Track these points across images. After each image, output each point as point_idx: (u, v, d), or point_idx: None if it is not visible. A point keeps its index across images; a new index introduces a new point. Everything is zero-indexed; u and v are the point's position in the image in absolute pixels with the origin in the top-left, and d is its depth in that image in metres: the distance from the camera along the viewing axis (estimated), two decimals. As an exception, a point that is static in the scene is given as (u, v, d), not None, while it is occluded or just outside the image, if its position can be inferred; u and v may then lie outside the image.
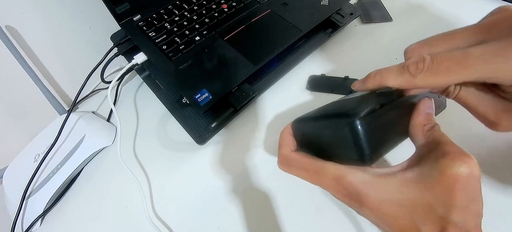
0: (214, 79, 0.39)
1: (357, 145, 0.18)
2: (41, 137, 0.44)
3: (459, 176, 0.16)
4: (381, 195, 0.17)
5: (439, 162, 0.16)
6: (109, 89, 0.42)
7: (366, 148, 0.18)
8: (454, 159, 0.16)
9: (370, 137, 0.18)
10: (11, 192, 0.39)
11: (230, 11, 0.48)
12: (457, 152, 0.16)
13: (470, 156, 0.16)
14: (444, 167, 0.16)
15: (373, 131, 0.18)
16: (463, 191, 0.15)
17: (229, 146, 0.41)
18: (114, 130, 0.46)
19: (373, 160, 0.19)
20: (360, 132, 0.18)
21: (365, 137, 0.18)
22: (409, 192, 0.17)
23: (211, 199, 0.37)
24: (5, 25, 0.40)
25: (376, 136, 0.19)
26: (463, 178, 0.15)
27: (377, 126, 0.19)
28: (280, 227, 0.35)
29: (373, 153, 0.18)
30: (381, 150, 0.19)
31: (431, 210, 0.16)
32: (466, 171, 0.16)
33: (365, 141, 0.18)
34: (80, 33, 0.48)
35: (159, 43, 0.43)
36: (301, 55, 0.46)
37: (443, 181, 0.16)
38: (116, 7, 0.43)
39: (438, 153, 0.17)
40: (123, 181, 0.39)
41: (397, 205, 0.17)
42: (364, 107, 0.19)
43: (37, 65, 0.45)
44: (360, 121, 0.18)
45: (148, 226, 0.35)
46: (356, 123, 0.18)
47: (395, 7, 0.55)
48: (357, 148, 0.18)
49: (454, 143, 0.18)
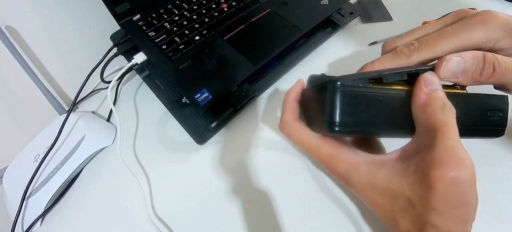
0: (214, 79, 0.39)
1: (329, 107, 0.18)
2: (41, 137, 0.44)
3: (441, 182, 0.15)
4: (365, 179, 0.18)
5: (426, 160, 0.16)
6: (109, 89, 0.42)
7: (336, 115, 0.17)
8: (441, 161, 0.15)
9: (346, 105, 0.18)
10: (11, 192, 0.39)
11: (230, 10, 0.47)
12: (447, 153, 0.15)
13: (462, 162, 0.15)
14: (428, 168, 0.16)
15: (352, 101, 0.18)
16: (443, 197, 0.15)
17: (229, 146, 0.41)
18: (114, 130, 0.46)
19: (342, 132, 0.18)
20: (335, 95, 0.18)
21: (340, 102, 0.17)
22: (393, 183, 0.17)
23: (211, 199, 0.37)
24: (5, 25, 0.40)
25: (356, 108, 0.18)
26: (444, 184, 0.15)
27: (360, 99, 0.18)
28: (280, 227, 0.35)
29: (342, 124, 0.18)
30: (358, 128, 0.18)
31: (410, 205, 0.16)
32: (450, 177, 0.15)
33: (339, 108, 0.17)
34: (80, 33, 0.48)
35: (159, 43, 0.43)
36: (301, 54, 0.46)
37: (425, 182, 0.16)
38: (115, 7, 0.43)
39: (429, 149, 0.16)
40: (123, 181, 0.39)
41: (378, 193, 0.17)
42: (357, 76, 0.18)
43: (36, 65, 0.45)
44: (341, 85, 0.18)
45: (148, 226, 0.35)
46: (336, 85, 0.18)
47: (395, 6, 0.55)
48: (328, 110, 0.18)
49: (454, 134, 0.16)
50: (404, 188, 0.16)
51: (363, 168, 0.18)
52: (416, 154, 0.17)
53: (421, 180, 0.16)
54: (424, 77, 0.19)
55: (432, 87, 0.18)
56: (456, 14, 0.23)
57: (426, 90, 0.18)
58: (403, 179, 0.17)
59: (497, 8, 0.22)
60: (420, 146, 0.17)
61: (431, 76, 0.19)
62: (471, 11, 0.23)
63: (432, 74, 0.19)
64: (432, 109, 0.17)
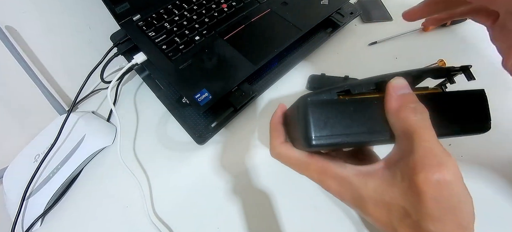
0: (214, 79, 0.39)
1: (303, 124, 0.18)
2: (41, 137, 0.44)
3: (427, 185, 0.15)
4: (357, 193, 0.18)
5: (409, 166, 0.16)
6: (109, 89, 0.42)
7: (310, 130, 0.18)
8: (423, 165, 0.15)
9: (319, 120, 0.18)
10: (11, 192, 0.39)
11: (230, 10, 0.47)
12: (427, 156, 0.15)
13: (443, 163, 0.15)
14: (412, 173, 0.15)
15: (324, 115, 0.18)
16: (434, 201, 0.14)
17: (229, 146, 0.41)
18: (114, 130, 0.46)
19: (320, 146, 0.18)
20: (306, 112, 0.18)
21: (313, 116, 0.18)
22: (384, 194, 0.17)
23: (211, 199, 0.37)
24: (5, 26, 0.40)
25: (329, 121, 0.18)
26: (432, 187, 0.14)
27: (332, 111, 0.18)
28: (280, 226, 0.35)
29: (318, 138, 0.18)
30: (335, 139, 0.18)
31: (406, 214, 0.16)
32: (435, 180, 0.14)
33: (311, 122, 0.18)
34: (80, 33, 0.48)
35: (159, 43, 0.43)
36: (301, 54, 0.46)
37: (412, 188, 0.15)
38: (115, 7, 0.43)
39: (410, 154, 0.16)
40: (123, 181, 0.39)
41: (373, 205, 0.17)
42: (326, 91, 0.19)
43: (37, 65, 0.45)
44: (311, 100, 0.18)
45: (148, 226, 0.35)
46: (307, 101, 0.18)
47: (395, 6, 0.55)
48: (303, 128, 0.18)
49: (431, 136, 0.16)
50: (397, 197, 0.16)
51: (353, 181, 0.18)
52: (400, 160, 0.17)
53: (409, 187, 0.15)
54: (392, 82, 0.18)
55: (401, 91, 0.18)
56: None
57: (395, 95, 0.18)
58: (393, 188, 0.16)
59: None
60: (402, 152, 0.17)
61: (399, 81, 0.18)
62: None
63: (399, 79, 0.19)
64: (404, 114, 0.17)
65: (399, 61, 0.47)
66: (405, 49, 0.48)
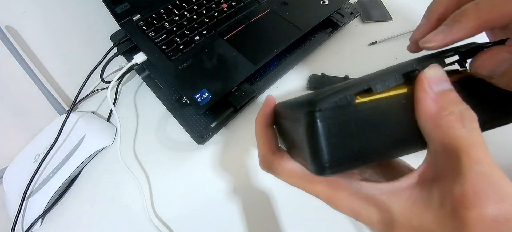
0: (214, 79, 0.39)
1: (311, 146, 0.14)
2: (41, 137, 0.44)
3: (481, 223, 0.11)
4: (377, 217, 0.15)
5: (455, 194, 0.12)
6: (109, 89, 0.42)
7: (322, 154, 0.13)
8: (478, 198, 0.12)
9: (333, 137, 0.13)
10: (11, 192, 0.39)
11: (230, 10, 0.47)
12: (482, 185, 0.12)
13: (506, 195, 0.11)
14: (461, 206, 0.12)
15: (340, 129, 0.13)
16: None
17: (229, 146, 0.41)
18: (114, 130, 0.46)
19: (334, 172, 0.14)
20: (316, 128, 0.13)
21: (324, 136, 0.13)
22: (413, 218, 0.14)
23: (211, 199, 0.37)
24: (5, 26, 0.40)
25: (347, 138, 0.13)
26: (486, 226, 0.11)
27: (349, 122, 0.13)
28: (280, 227, 0.35)
29: (334, 163, 0.13)
30: (353, 162, 0.14)
31: None
32: (492, 218, 0.11)
33: (324, 144, 0.13)
34: (80, 33, 0.48)
35: (159, 43, 0.43)
36: (301, 54, 0.46)
37: (457, 221, 0.12)
38: (115, 7, 0.43)
39: (456, 178, 0.12)
40: (123, 181, 0.39)
41: (400, 227, 0.14)
42: (337, 94, 0.13)
43: (36, 65, 0.45)
44: (321, 112, 0.13)
45: (148, 226, 0.35)
46: (315, 115, 0.13)
47: (395, 6, 0.55)
48: (311, 150, 0.14)
49: (485, 156, 0.12)
50: (429, 223, 0.13)
51: (372, 204, 0.15)
52: (438, 181, 0.13)
53: (451, 217, 0.12)
54: (426, 74, 0.14)
55: (439, 88, 0.13)
56: None
57: (433, 94, 0.13)
58: (425, 213, 0.13)
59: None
60: (439, 169, 0.14)
61: (435, 71, 0.14)
62: None
63: (435, 68, 0.14)
64: (447, 122, 0.13)
65: (399, 61, 0.47)
66: (405, 49, 0.48)
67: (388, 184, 0.15)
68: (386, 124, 0.14)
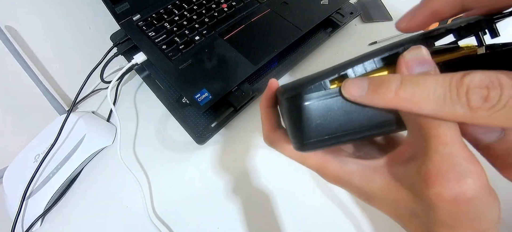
0: (214, 79, 0.39)
1: (290, 126, 0.15)
2: (41, 137, 0.44)
3: (442, 201, 0.12)
4: (361, 189, 0.16)
5: (421, 174, 0.13)
6: (109, 89, 0.42)
7: (299, 133, 0.15)
8: (438, 177, 0.12)
9: (309, 119, 0.14)
10: (11, 192, 0.39)
11: (230, 10, 0.47)
12: (444, 165, 0.12)
13: (466, 175, 0.12)
14: (424, 186, 0.13)
15: (315, 112, 0.14)
16: (449, 214, 0.12)
17: (229, 146, 0.41)
18: (114, 130, 0.46)
19: (312, 149, 0.15)
20: (293, 111, 0.15)
21: (300, 118, 0.15)
22: (391, 193, 0.15)
23: (211, 199, 0.37)
24: (4, 25, 0.40)
25: (321, 120, 0.15)
26: (447, 203, 0.12)
27: (325, 106, 0.14)
28: (280, 227, 0.35)
29: (310, 141, 0.15)
30: (332, 140, 0.15)
31: (414, 215, 0.14)
32: (451, 197, 0.12)
33: (300, 124, 0.15)
34: (80, 33, 0.48)
35: (159, 43, 0.43)
36: (301, 54, 0.46)
37: (423, 200, 0.13)
38: (115, 7, 0.43)
39: (423, 159, 0.13)
40: (123, 181, 0.39)
41: (379, 201, 0.15)
42: (314, 80, 0.15)
43: (36, 65, 0.45)
44: (293, 97, 0.15)
45: (148, 226, 0.35)
46: (292, 99, 0.15)
47: (395, 6, 0.55)
48: (290, 129, 0.16)
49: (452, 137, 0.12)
50: (404, 199, 0.14)
51: (355, 178, 0.16)
52: (412, 160, 0.14)
53: (419, 196, 0.13)
54: (405, 56, 0.14)
55: (417, 69, 0.13)
56: None
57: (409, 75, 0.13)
58: (401, 190, 0.14)
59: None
60: (415, 149, 0.14)
61: (415, 53, 0.13)
62: None
63: (416, 49, 0.13)
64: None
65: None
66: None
67: (371, 160, 0.16)
68: (363, 107, 0.14)
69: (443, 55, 0.15)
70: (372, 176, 0.15)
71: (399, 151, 0.15)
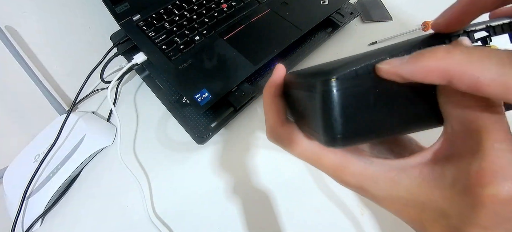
0: (214, 79, 0.39)
1: (324, 115, 0.13)
2: (41, 137, 0.44)
3: (494, 202, 0.11)
4: (385, 192, 0.15)
5: (470, 173, 0.12)
6: (109, 89, 0.42)
7: (336, 126, 0.13)
8: (495, 176, 0.11)
9: (349, 107, 0.13)
10: (11, 192, 0.39)
11: (230, 10, 0.47)
12: (501, 163, 0.11)
13: None
14: (476, 184, 0.12)
15: (356, 99, 0.13)
16: (494, 215, 0.12)
17: (229, 146, 0.41)
18: (114, 130, 0.46)
19: (345, 144, 0.13)
20: (331, 96, 0.12)
21: (339, 105, 0.12)
22: (421, 195, 0.14)
23: (211, 199, 0.37)
24: (5, 25, 0.40)
25: (363, 111, 0.13)
26: (498, 204, 0.11)
27: (367, 93, 0.13)
28: (280, 227, 0.35)
29: (347, 134, 0.13)
30: (368, 134, 0.13)
31: (443, 216, 0.13)
32: (507, 196, 0.11)
33: (338, 115, 0.13)
34: (80, 33, 0.48)
35: (159, 43, 0.43)
36: (301, 54, 0.46)
37: (469, 199, 0.12)
38: (115, 7, 0.43)
39: (473, 157, 0.12)
40: (123, 181, 0.39)
41: (402, 204, 0.14)
42: (357, 62, 0.13)
43: (36, 65, 0.45)
44: (336, 81, 0.12)
45: (148, 226, 0.35)
46: (330, 82, 0.12)
47: (395, 6, 0.55)
48: (324, 119, 0.13)
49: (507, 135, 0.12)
50: (437, 200, 0.13)
51: (381, 180, 0.15)
52: (452, 159, 0.13)
53: (463, 196, 0.12)
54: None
55: None
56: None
57: None
58: (435, 191, 0.13)
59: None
60: (455, 148, 0.13)
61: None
62: None
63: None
64: (467, 99, 0.12)
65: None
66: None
67: (398, 160, 0.15)
68: (405, 98, 0.13)
69: None
70: (400, 177, 0.14)
71: (434, 151, 0.14)
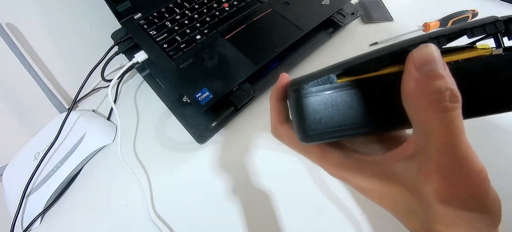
0: (215, 78, 0.39)
1: (295, 118, 0.16)
2: (41, 135, 0.44)
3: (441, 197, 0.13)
4: (361, 183, 0.16)
5: (421, 170, 0.13)
6: (110, 88, 0.42)
7: (304, 125, 0.15)
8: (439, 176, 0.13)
9: (314, 112, 0.15)
10: (11, 190, 0.39)
11: (231, 10, 0.47)
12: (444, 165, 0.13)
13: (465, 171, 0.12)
14: (422, 181, 0.13)
15: (320, 105, 0.15)
16: (446, 212, 0.13)
17: (229, 145, 0.41)
18: (114, 129, 0.46)
19: (315, 141, 0.16)
20: (298, 103, 0.16)
21: (305, 110, 0.15)
22: (391, 188, 0.15)
23: (211, 199, 0.37)
24: (5, 23, 0.40)
25: (326, 113, 0.15)
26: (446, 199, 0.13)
27: (330, 100, 0.15)
28: (280, 227, 0.35)
29: (314, 134, 0.16)
30: (334, 133, 0.16)
31: (413, 211, 0.15)
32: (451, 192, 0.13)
33: (305, 116, 0.15)
34: (81, 31, 0.48)
35: (160, 42, 0.43)
36: (302, 54, 0.46)
37: (423, 195, 0.13)
38: (117, 5, 0.43)
39: (424, 156, 0.13)
40: (123, 179, 0.39)
41: (378, 196, 0.16)
42: (321, 74, 0.15)
43: (37, 63, 0.45)
44: (303, 90, 0.15)
45: (148, 225, 0.35)
46: (298, 92, 0.16)
47: (396, 7, 0.55)
48: (296, 121, 0.16)
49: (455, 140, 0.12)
50: (403, 195, 0.14)
51: (357, 172, 0.16)
52: (414, 157, 0.14)
53: (417, 193, 0.14)
54: (414, 54, 0.13)
55: (427, 68, 0.13)
56: None
57: (416, 74, 0.13)
58: (401, 186, 0.14)
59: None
60: (417, 146, 0.14)
61: (425, 51, 0.13)
62: None
63: (426, 48, 0.13)
64: (424, 104, 0.13)
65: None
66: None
67: (372, 156, 0.16)
68: (369, 102, 0.15)
69: (455, 54, 0.15)
70: (373, 171, 0.16)
71: (402, 148, 0.15)
